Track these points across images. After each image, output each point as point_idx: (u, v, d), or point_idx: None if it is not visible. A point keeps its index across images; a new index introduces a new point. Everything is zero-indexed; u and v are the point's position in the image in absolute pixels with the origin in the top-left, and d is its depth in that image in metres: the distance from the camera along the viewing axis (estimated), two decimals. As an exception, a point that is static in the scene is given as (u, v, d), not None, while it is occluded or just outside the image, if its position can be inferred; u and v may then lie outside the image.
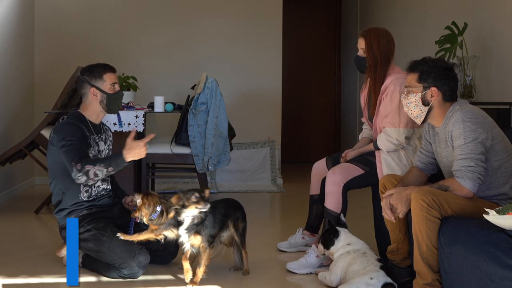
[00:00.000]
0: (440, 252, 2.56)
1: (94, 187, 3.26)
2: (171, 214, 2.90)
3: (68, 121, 3.20)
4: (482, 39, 4.21)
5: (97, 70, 3.26)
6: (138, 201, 2.93)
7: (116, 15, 6.25)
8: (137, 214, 2.94)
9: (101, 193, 3.31)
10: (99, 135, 3.33)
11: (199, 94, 4.51)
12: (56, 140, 3.13)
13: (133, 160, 3.08)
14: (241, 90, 6.42)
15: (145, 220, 2.94)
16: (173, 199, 2.90)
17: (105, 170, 3.02)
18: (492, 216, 2.30)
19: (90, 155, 3.20)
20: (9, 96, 5.29)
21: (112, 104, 3.28)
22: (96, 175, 3.02)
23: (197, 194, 2.88)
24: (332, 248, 3.06)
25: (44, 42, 6.11)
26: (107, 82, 3.25)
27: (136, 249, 3.09)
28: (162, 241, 3.03)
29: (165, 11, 6.31)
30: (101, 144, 3.32)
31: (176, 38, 6.32)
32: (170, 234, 2.98)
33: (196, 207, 2.89)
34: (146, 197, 2.94)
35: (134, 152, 3.02)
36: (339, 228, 3.10)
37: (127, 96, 4.86)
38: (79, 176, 3.02)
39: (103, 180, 3.31)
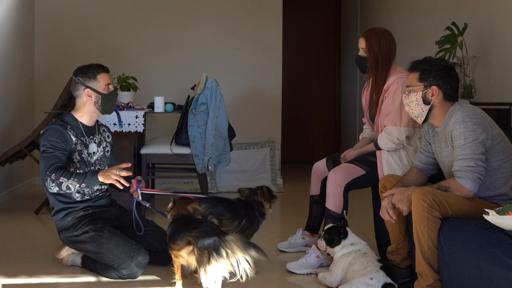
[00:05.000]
0: (440, 252, 2.56)
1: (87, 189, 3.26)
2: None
3: (52, 127, 3.17)
4: (482, 39, 4.21)
5: (91, 70, 3.24)
6: (169, 206, 3.01)
7: (116, 15, 6.25)
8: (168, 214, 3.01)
9: (96, 193, 3.30)
10: (91, 137, 3.30)
11: (199, 94, 4.51)
12: (41, 145, 3.15)
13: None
14: (241, 90, 6.42)
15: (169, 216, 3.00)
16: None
17: (77, 185, 3.02)
18: (492, 217, 2.30)
19: (79, 157, 3.19)
20: (9, 96, 5.30)
21: (107, 104, 3.26)
22: (68, 188, 3.03)
23: None
24: (336, 247, 3.05)
25: (44, 42, 6.11)
26: (101, 83, 3.24)
27: (134, 249, 3.09)
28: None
29: (165, 11, 6.31)
30: (92, 146, 3.29)
31: (176, 38, 6.32)
32: None
33: None
34: (175, 203, 3.00)
35: (108, 176, 3.01)
36: (348, 229, 3.09)
37: (127, 96, 4.86)
38: (52, 186, 3.03)
39: None
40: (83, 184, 3.03)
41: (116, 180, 3.00)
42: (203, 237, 2.75)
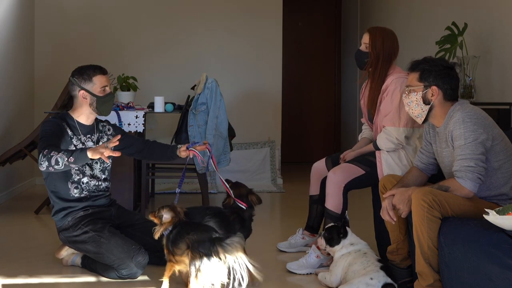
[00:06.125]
0: (440, 252, 2.56)
1: (83, 184, 3.24)
2: None
3: (49, 119, 3.20)
4: (482, 39, 4.21)
5: (87, 72, 3.22)
6: (166, 216, 2.85)
7: (116, 15, 6.25)
8: (157, 230, 2.86)
9: (93, 188, 3.29)
10: (89, 135, 3.30)
11: (199, 94, 4.51)
12: (39, 137, 3.13)
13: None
14: (241, 90, 6.42)
15: (156, 235, 2.86)
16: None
17: (66, 159, 2.88)
18: (492, 217, 2.30)
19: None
20: (9, 96, 5.30)
21: (102, 106, 3.24)
22: (57, 162, 2.88)
23: None
24: (336, 247, 3.05)
25: (44, 42, 6.11)
26: (97, 85, 3.22)
27: (134, 250, 3.08)
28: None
29: (165, 11, 6.31)
30: (89, 145, 3.28)
31: (176, 39, 6.32)
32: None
33: None
34: (170, 213, 2.85)
35: (97, 150, 2.88)
36: (347, 228, 3.09)
37: (127, 96, 4.86)
38: (42, 161, 2.89)
39: (93, 177, 3.29)
40: (71, 158, 2.87)
41: (104, 155, 2.85)
42: (198, 240, 2.68)
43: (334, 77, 8.25)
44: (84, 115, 3.28)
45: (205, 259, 2.63)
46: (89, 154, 2.87)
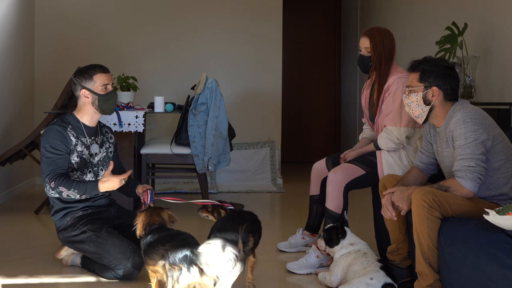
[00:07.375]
0: (440, 252, 2.56)
1: None
2: None
3: (53, 127, 3.17)
4: (482, 39, 4.21)
5: (88, 71, 3.25)
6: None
7: (116, 15, 6.25)
8: (138, 233, 2.86)
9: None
10: (93, 137, 3.31)
11: (199, 94, 4.51)
12: (41, 146, 3.17)
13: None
14: (241, 90, 6.42)
15: (138, 233, 2.85)
16: None
17: (78, 196, 3.09)
18: (492, 217, 2.30)
19: (77, 159, 3.19)
20: (9, 96, 5.30)
21: (105, 105, 3.26)
22: (68, 196, 3.10)
23: None
24: (336, 247, 3.05)
25: (44, 42, 6.11)
26: (98, 83, 3.23)
27: (131, 250, 3.07)
28: None
29: (165, 11, 6.31)
30: (94, 147, 3.29)
31: (176, 39, 6.32)
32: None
33: None
34: (145, 214, 2.84)
35: (108, 185, 3.06)
36: (346, 228, 3.09)
37: (127, 96, 4.86)
38: (52, 193, 3.09)
39: None
40: (83, 195, 3.10)
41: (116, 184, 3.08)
42: (175, 251, 2.53)
43: (334, 77, 8.25)
44: (88, 115, 3.29)
45: (184, 270, 2.48)
46: (104, 189, 3.08)
